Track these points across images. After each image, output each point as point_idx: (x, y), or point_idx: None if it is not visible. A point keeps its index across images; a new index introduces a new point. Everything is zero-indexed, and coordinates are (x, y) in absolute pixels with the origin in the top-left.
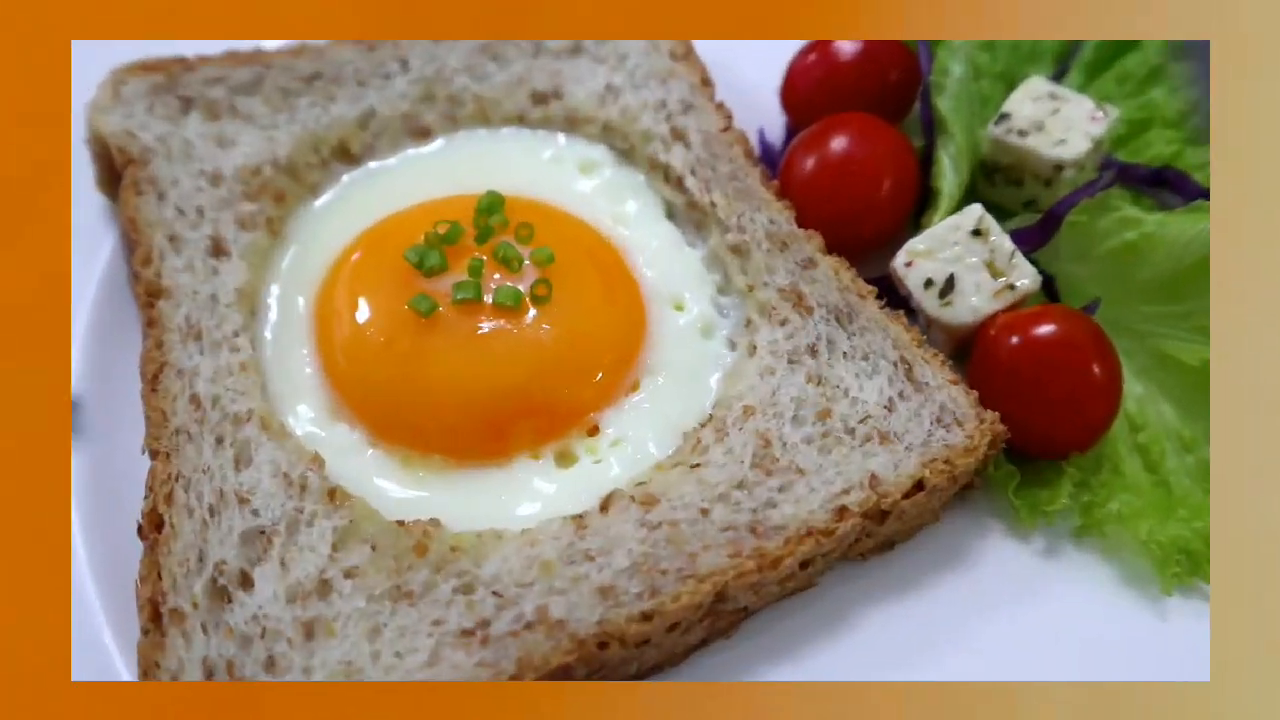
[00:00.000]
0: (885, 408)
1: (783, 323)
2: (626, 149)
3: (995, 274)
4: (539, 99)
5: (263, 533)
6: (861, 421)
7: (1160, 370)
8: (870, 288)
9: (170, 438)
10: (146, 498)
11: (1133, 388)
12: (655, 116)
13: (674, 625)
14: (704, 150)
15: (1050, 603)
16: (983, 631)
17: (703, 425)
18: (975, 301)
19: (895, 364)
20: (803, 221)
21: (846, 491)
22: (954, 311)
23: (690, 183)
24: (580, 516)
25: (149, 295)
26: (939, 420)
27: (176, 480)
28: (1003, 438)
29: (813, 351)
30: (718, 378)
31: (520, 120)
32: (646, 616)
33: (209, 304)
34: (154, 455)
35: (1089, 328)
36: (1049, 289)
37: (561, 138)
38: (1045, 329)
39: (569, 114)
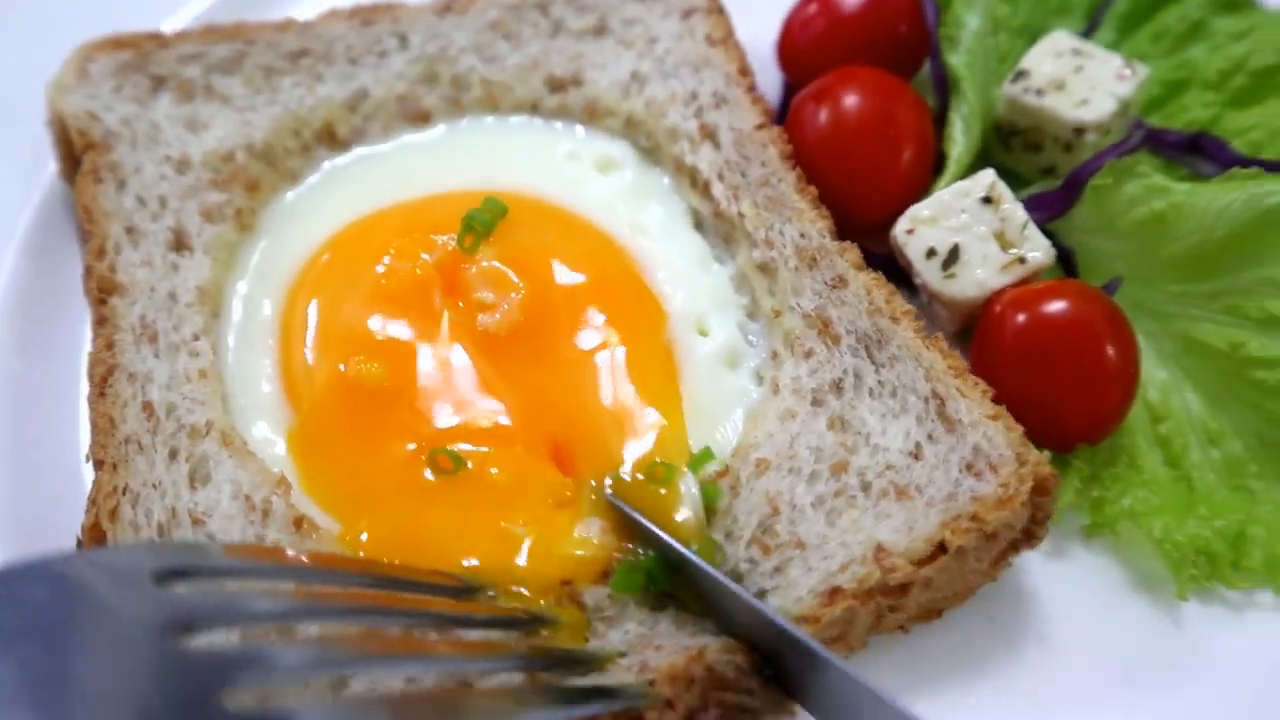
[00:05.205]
0: (911, 454)
1: (808, 355)
2: (650, 147)
3: (1005, 245)
4: (556, 85)
5: None
6: (880, 474)
7: (1186, 355)
8: (907, 308)
9: (118, 447)
10: (88, 510)
11: (1156, 374)
12: (684, 111)
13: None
14: (734, 152)
15: (1055, 607)
16: (996, 659)
17: (719, 476)
18: (981, 274)
19: (926, 400)
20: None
21: (844, 568)
22: (957, 284)
23: (717, 190)
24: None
25: (101, 291)
26: (969, 467)
27: (123, 494)
28: (1053, 483)
29: (838, 389)
30: (740, 416)
31: (533, 108)
32: None
33: (167, 303)
34: (99, 465)
35: (1103, 305)
36: (1067, 264)
37: (579, 130)
38: (1055, 306)
39: (588, 104)
